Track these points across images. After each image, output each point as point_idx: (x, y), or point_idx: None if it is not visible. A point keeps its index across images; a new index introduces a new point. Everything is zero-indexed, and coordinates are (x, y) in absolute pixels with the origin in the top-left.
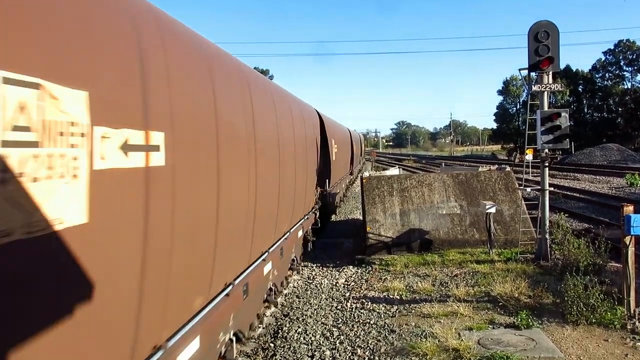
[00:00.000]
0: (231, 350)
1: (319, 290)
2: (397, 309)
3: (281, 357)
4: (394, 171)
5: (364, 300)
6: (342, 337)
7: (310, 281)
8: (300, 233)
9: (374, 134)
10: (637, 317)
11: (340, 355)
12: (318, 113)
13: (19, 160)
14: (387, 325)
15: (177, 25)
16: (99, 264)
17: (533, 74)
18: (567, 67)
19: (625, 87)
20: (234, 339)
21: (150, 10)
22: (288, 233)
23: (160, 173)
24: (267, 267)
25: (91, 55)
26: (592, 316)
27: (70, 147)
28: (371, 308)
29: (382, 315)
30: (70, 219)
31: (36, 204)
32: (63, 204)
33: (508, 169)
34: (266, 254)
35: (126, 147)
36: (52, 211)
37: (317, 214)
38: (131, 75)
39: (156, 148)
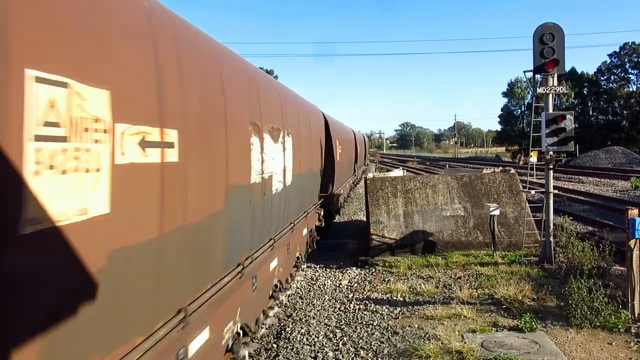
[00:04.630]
0: (238, 343)
1: (322, 291)
2: (400, 311)
3: (284, 357)
4: (397, 172)
5: (367, 302)
6: (345, 338)
7: (313, 282)
8: (305, 231)
9: (377, 135)
10: None
11: (343, 356)
12: (323, 114)
13: (49, 153)
14: (390, 327)
15: (189, 27)
16: (119, 250)
17: (538, 76)
18: (572, 70)
19: (631, 89)
20: (240, 332)
21: (165, 13)
22: (292, 230)
23: (173, 168)
24: (274, 263)
25: (112, 55)
26: (596, 319)
27: (95, 142)
28: (374, 309)
29: (385, 317)
30: (95, 209)
31: (64, 195)
32: (88, 196)
33: (512, 171)
34: (272, 249)
35: (143, 144)
36: (78, 202)
37: (322, 212)
38: (148, 76)
39: (170, 145)
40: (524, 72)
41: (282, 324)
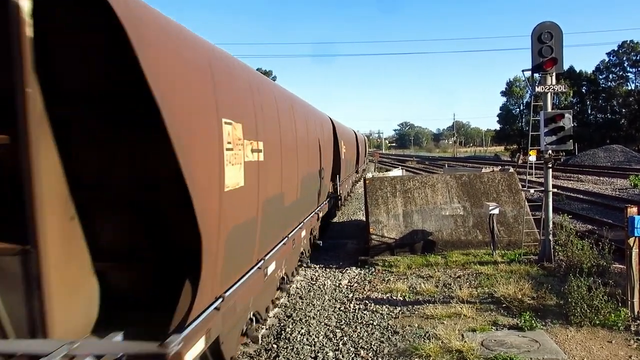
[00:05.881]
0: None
1: (322, 291)
2: (400, 310)
3: (284, 358)
4: (397, 172)
5: (367, 302)
6: (345, 338)
7: (313, 282)
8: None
9: (377, 135)
10: None
11: (343, 356)
12: (331, 120)
13: (229, 155)
14: (390, 327)
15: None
16: (248, 206)
17: (536, 75)
18: (571, 68)
19: (629, 88)
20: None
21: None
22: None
23: (262, 164)
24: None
25: (240, 104)
26: (595, 318)
27: (240, 149)
28: (374, 309)
29: (385, 317)
30: (239, 183)
31: (233, 175)
32: (240, 175)
33: (511, 170)
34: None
35: (252, 150)
36: (237, 178)
37: (332, 202)
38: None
39: (260, 151)
40: (523, 71)
41: (282, 324)
